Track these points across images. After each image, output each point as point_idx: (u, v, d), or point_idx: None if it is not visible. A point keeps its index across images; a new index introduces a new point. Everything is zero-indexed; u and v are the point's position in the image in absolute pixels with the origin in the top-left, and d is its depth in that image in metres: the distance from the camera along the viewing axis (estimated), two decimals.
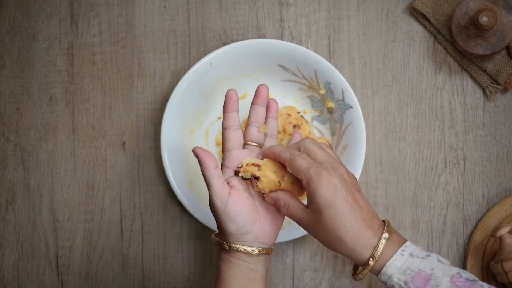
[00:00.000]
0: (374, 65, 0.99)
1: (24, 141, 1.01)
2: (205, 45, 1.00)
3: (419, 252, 0.73)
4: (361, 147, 0.93)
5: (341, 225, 0.72)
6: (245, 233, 0.76)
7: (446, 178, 0.99)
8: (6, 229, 1.01)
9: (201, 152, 0.76)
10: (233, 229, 0.76)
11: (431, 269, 0.71)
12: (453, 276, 0.71)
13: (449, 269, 0.72)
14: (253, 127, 0.82)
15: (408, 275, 0.71)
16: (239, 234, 0.76)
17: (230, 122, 0.81)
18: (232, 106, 0.81)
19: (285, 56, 0.95)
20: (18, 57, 1.01)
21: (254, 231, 0.77)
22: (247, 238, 0.77)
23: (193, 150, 0.77)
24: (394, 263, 0.72)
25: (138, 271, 1.00)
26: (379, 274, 0.73)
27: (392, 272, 0.72)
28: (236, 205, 0.76)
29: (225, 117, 0.81)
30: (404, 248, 0.73)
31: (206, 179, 0.77)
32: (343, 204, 0.72)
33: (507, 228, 0.89)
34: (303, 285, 0.99)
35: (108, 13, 1.01)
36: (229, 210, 0.76)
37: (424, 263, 0.72)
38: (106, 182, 1.00)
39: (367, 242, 0.73)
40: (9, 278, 1.01)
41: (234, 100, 0.81)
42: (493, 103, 0.99)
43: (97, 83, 1.01)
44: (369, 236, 0.73)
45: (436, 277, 0.71)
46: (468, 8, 0.94)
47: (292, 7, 1.00)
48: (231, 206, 0.76)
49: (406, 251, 0.73)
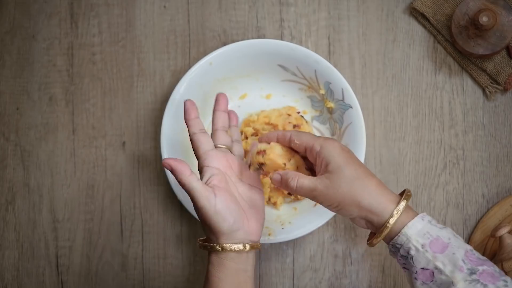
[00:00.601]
0: (374, 65, 0.99)
1: (24, 141, 1.01)
2: (205, 45, 1.00)
3: (436, 223, 0.75)
4: (361, 147, 0.93)
5: (358, 184, 0.74)
6: (236, 230, 0.77)
7: (446, 178, 0.99)
8: (6, 229, 1.01)
9: (172, 161, 0.77)
10: (226, 228, 0.76)
11: (449, 239, 0.73)
12: (467, 251, 0.73)
13: (463, 244, 0.74)
14: (220, 131, 0.87)
15: (427, 239, 0.73)
16: (232, 232, 0.77)
17: (196, 127, 0.84)
18: (193, 113, 0.85)
19: (285, 56, 0.95)
20: (18, 57, 1.01)
21: (244, 227, 0.78)
22: (238, 235, 0.77)
23: (163, 162, 0.77)
24: (414, 225, 0.73)
25: (138, 271, 1.00)
26: (396, 237, 0.74)
27: (412, 234, 0.73)
28: (225, 203, 0.77)
29: (190, 124, 0.84)
30: (423, 215, 0.75)
31: (186, 185, 0.77)
32: (358, 164, 0.76)
33: (507, 228, 0.90)
34: (303, 285, 0.99)
35: (108, 13, 1.01)
36: (219, 209, 0.76)
37: (442, 232, 0.74)
38: (106, 182, 1.00)
39: (386, 203, 0.74)
40: (9, 278, 1.01)
41: (193, 108, 0.85)
42: (493, 103, 0.99)
43: (97, 83, 1.01)
44: (387, 198, 0.75)
45: (453, 246, 0.73)
46: (468, 8, 0.94)
47: (292, 7, 1.00)
48: (220, 204, 0.76)
49: (425, 218, 0.75)
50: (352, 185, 0.74)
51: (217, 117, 0.88)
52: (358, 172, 0.75)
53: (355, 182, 0.74)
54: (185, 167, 0.77)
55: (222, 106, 0.89)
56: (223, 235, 0.77)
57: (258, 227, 0.80)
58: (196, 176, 0.77)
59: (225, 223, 0.76)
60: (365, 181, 0.75)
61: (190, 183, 0.76)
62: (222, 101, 0.90)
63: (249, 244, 0.78)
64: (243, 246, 0.77)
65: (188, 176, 0.77)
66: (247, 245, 0.77)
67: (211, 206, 0.76)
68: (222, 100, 0.90)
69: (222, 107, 0.89)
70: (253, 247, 0.78)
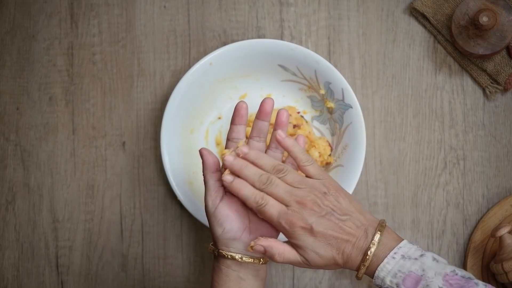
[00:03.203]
0: (374, 65, 0.99)
1: (24, 141, 1.01)
2: (205, 45, 1.00)
3: (413, 252, 0.73)
4: (361, 147, 0.93)
5: (329, 258, 0.74)
6: (231, 239, 0.76)
7: (446, 178, 0.99)
8: (6, 229, 1.01)
9: (207, 153, 0.78)
10: (219, 233, 0.76)
11: (423, 270, 0.71)
12: (446, 274, 0.71)
13: (443, 267, 0.72)
14: (255, 141, 0.81)
15: (400, 278, 0.72)
16: (226, 239, 0.76)
17: (235, 134, 0.80)
18: (239, 119, 0.80)
19: (285, 56, 0.95)
20: (18, 57, 1.01)
21: (242, 239, 0.77)
22: (236, 245, 0.77)
23: (200, 150, 0.78)
24: (385, 267, 0.72)
25: (138, 271, 1.00)
26: (374, 276, 0.74)
27: (384, 275, 0.72)
28: (225, 210, 0.77)
29: (231, 128, 0.80)
30: (397, 250, 0.73)
31: (205, 179, 0.78)
32: (324, 242, 0.74)
33: (507, 228, 0.89)
34: (303, 285, 0.99)
35: (108, 13, 1.01)
36: (218, 213, 0.76)
37: (416, 264, 0.72)
38: (106, 182, 1.00)
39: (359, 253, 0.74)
40: (9, 278, 1.01)
41: (243, 113, 0.80)
42: (493, 103, 0.99)
43: (97, 83, 1.01)
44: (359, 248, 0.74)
45: (427, 278, 0.71)
46: (468, 8, 0.94)
47: (292, 7, 1.00)
48: (220, 209, 0.77)
49: (398, 253, 0.73)
50: (322, 260, 0.74)
51: (254, 126, 0.81)
52: (324, 248, 0.74)
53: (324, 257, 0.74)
54: (214, 164, 0.78)
55: (262, 115, 0.80)
56: (218, 240, 0.77)
57: None
58: (217, 175, 0.77)
59: (219, 228, 0.76)
60: (333, 251, 0.74)
61: (208, 180, 0.77)
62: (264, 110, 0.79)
63: (245, 256, 0.76)
64: (236, 256, 0.76)
65: (212, 173, 0.77)
66: (244, 257, 0.76)
67: (213, 207, 0.77)
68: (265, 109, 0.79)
69: (263, 115, 0.80)
70: (249, 260, 0.77)
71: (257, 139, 0.80)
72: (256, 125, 0.80)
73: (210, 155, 0.78)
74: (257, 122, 0.80)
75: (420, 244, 0.98)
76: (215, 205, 0.77)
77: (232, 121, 0.80)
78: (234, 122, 0.80)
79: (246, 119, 0.80)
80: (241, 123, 0.80)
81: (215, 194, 0.77)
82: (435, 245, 0.98)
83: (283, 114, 0.79)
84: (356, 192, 0.98)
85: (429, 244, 0.98)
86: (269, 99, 0.80)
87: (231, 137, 0.80)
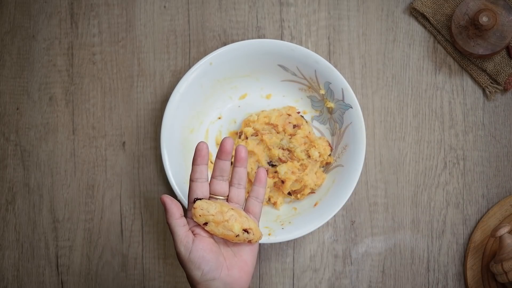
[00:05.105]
0: (374, 65, 1.00)
1: (24, 141, 1.01)
2: (205, 45, 1.00)
3: None
4: (361, 147, 0.94)
5: None
6: (211, 279, 0.77)
7: (446, 178, 0.99)
8: (6, 229, 1.01)
9: (168, 201, 0.78)
10: (198, 276, 0.76)
11: None
12: None
13: None
14: (218, 180, 0.82)
15: None
16: (206, 281, 0.76)
17: (198, 175, 0.81)
18: (201, 159, 0.81)
19: (285, 56, 0.95)
20: (18, 57, 1.01)
21: (221, 277, 0.77)
22: (215, 284, 0.77)
23: (161, 198, 0.79)
24: None
25: (138, 271, 1.00)
26: None
27: None
28: (200, 252, 0.77)
29: (194, 169, 0.81)
30: None
31: (171, 227, 0.78)
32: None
33: (507, 228, 0.90)
34: (303, 285, 0.99)
35: (108, 13, 1.01)
36: (194, 257, 0.76)
37: None
38: (106, 182, 1.00)
39: None
40: (9, 278, 1.01)
41: (204, 153, 0.81)
42: (493, 103, 0.99)
43: (97, 83, 1.01)
44: None
45: None
46: (468, 8, 0.94)
47: (292, 7, 1.00)
48: (195, 252, 0.77)
49: None
50: None
51: (216, 166, 0.82)
52: None
53: None
54: (177, 210, 0.78)
55: (223, 155, 0.81)
56: (198, 283, 0.77)
57: (242, 275, 0.79)
58: (183, 221, 0.78)
59: (198, 272, 0.76)
60: None
61: (174, 227, 0.78)
62: (225, 150, 0.81)
63: None
64: None
65: (176, 219, 0.78)
66: None
67: (186, 252, 0.77)
68: (225, 148, 0.81)
69: (224, 155, 0.81)
70: None
71: (220, 178, 0.81)
72: (218, 164, 0.81)
73: (172, 202, 0.78)
74: (219, 161, 0.81)
75: (420, 244, 0.98)
76: (188, 250, 0.77)
77: (194, 161, 0.81)
78: (196, 163, 0.80)
79: (208, 158, 0.81)
80: (203, 163, 0.81)
81: (186, 240, 0.77)
82: (435, 245, 0.98)
83: (241, 151, 0.81)
84: (356, 192, 0.99)
85: (429, 244, 0.98)
86: (229, 138, 0.81)
87: (194, 178, 0.80)
